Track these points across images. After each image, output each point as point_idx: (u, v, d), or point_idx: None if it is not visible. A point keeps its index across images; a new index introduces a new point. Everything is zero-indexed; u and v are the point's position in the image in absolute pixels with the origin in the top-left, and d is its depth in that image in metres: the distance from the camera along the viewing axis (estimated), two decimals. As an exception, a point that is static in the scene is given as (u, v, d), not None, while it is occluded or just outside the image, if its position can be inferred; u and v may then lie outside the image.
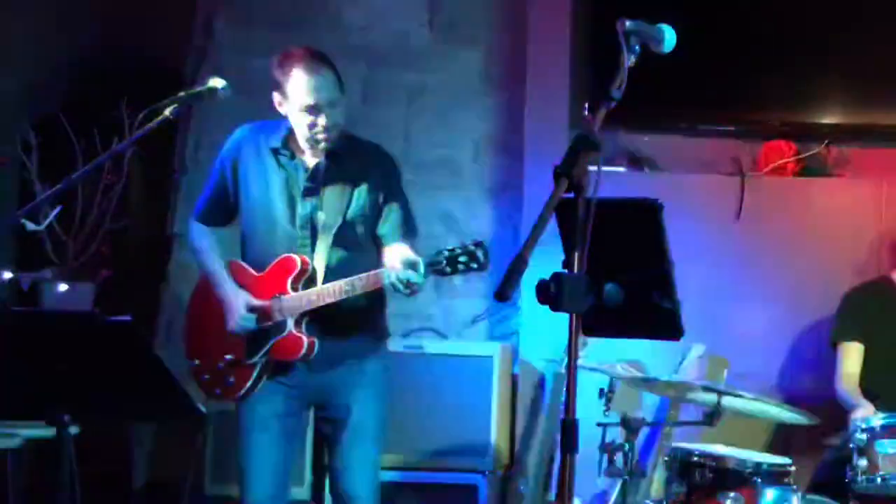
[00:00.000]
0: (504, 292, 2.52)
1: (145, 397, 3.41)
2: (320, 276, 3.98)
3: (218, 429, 5.44)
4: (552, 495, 5.11)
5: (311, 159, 4.02)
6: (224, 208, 4.15)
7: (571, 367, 2.63)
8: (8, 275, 5.31)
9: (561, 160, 2.64)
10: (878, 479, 4.20)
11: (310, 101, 3.90)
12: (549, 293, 2.60)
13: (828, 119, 5.52)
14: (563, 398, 4.75)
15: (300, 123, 3.95)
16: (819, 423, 4.32)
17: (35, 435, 4.60)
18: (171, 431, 5.60)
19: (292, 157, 4.02)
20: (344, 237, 3.99)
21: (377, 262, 3.94)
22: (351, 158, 4.03)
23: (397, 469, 5.12)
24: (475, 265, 3.65)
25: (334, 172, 4.01)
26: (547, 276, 2.61)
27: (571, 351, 2.64)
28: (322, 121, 3.92)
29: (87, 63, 6.09)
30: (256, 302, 3.99)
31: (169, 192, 6.14)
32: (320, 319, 3.97)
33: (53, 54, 6.01)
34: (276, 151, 4.03)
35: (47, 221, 5.23)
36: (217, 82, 3.75)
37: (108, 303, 5.34)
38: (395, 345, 4.58)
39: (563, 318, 2.64)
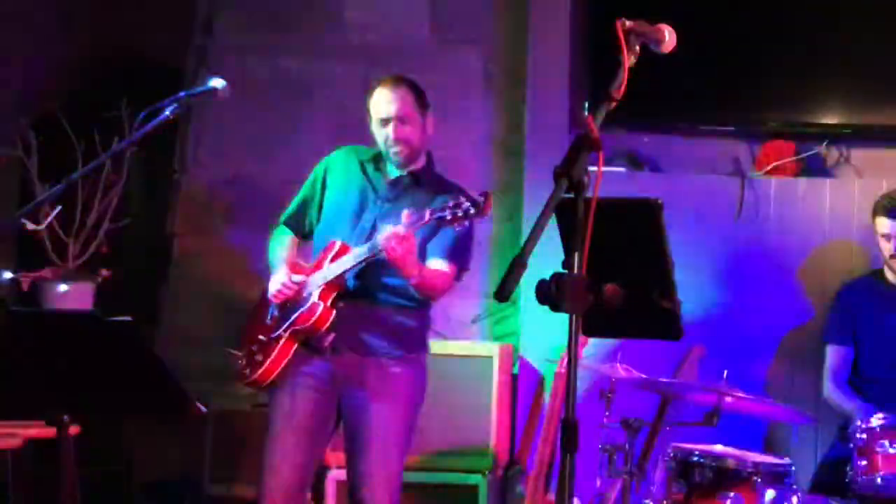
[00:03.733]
0: (504, 292, 2.53)
1: (145, 397, 3.41)
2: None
3: (218, 429, 5.43)
4: (552, 495, 5.10)
5: (394, 172, 4.21)
6: (306, 215, 4.34)
7: (571, 367, 2.62)
8: (8, 275, 5.31)
9: (561, 160, 2.64)
10: (878, 479, 4.20)
11: (381, 113, 4.10)
12: (549, 293, 2.59)
13: (828, 119, 5.51)
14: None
15: (378, 137, 4.17)
16: (818, 423, 4.31)
17: (35, 435, 4.60)
18: (171, 431, 5.60)
19: (377, 168, 4.22)
20: None
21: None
22: (431, 183, 4.21)
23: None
24: (474, 209, 3.75)
25: (412, 190, 4.18)
26: (547, 276, 2.61)
27: (571, 351, 2.63)
28: (391, 132, 4.11)
29: (87, 63, 6.08)
30: (296, 276, 4.16)
31: (169, 192, 6.13)
32: (356, 309, 4.10)
33: (53, 54, 6.00)
34: (363, 163, 4.24)
35: (47, 221, 5.22)
36: (217, 82, 3.76)
37: (108, 303, 5.33)
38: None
39: (563, 317, 2.64)
